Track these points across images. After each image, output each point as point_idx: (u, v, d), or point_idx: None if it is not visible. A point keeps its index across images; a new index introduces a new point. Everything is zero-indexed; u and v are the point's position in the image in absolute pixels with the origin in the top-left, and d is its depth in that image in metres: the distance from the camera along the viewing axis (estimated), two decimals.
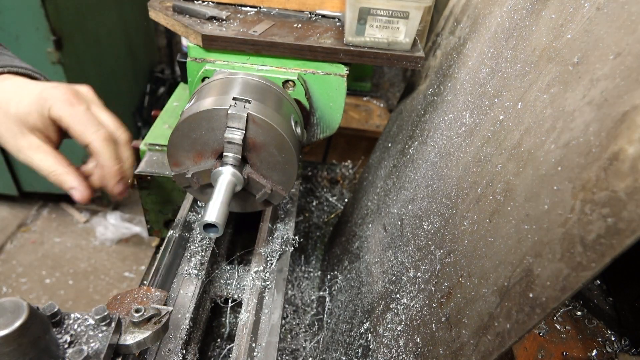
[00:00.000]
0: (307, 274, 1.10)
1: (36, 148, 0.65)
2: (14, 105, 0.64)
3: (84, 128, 0.65)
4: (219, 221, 0.68)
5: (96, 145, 0.66)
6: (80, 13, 2.42)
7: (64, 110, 0.64)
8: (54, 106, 0.64)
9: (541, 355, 0.68)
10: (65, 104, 0.64)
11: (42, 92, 0.64)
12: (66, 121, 0.64)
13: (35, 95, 0.64)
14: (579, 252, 0.36)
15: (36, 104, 0.64)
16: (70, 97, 0.65)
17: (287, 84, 0.85)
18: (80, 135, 0.65)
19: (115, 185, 0.71)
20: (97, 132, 0.66)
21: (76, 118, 0.64)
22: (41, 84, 0.67)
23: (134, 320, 0.52)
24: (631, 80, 0.37)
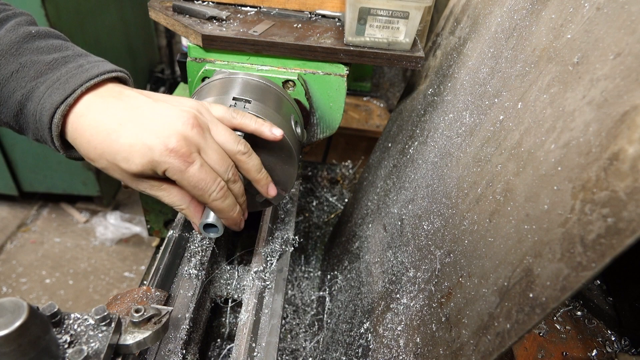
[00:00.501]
0: (307, 274, 1.10)
1: (157, 187, 0.62)
2: (123, 162, 0.58)
3: (198, 192, 0.61)
4: (219, 221, 0.68)
5: (213, 206, 0.63)
6: (80, 13, 2.42)
7: (178, 176, 0.59)
8: (169, 171, 0.58)
9: (541, 355, 0.68)
10: (179, 168, 0.58)
11: (152, 151, 0.57)
12: (183, 184, 0.60)
13: (144, 152, 0.57)
14: (579, 252, 0.36)
15: (149, 164, 0.58)
16: (184, 157, 0.58)
17: (287, 84, 0.85)
18: (198, 197, 0.63)
19: (240, 224, 0.69)
20: (212, 194, 0.61)
21: (192, 183, 0.59)
22: (141, 125, 0.58)
23: (134, 320, 0.52)
24: (631, 80, 0.37)
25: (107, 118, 0.59)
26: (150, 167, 0.58)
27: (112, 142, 0.58)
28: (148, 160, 0.57)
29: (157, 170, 0.59)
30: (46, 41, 0.65)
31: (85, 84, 0.59)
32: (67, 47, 0.66)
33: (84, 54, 0.66)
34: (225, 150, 0.64)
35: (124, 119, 0.58)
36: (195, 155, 0.59)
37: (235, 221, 0.68)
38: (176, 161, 0.58)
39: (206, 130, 0.62)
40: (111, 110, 0.59)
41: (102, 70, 0.62)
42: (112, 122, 0.58)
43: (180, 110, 0.60)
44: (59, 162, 2.70)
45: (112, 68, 0.64)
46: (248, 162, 0.67)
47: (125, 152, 0.58)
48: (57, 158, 2.69)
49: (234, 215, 0.66)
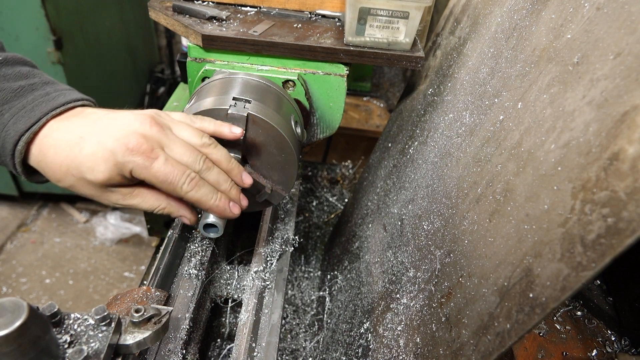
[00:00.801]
0: (307, 274, 1.10)
1: (129, 195, 0.62)
2: (88, 173, 0.58)
3: (170, 187, 0.61)
4: (219, 221, 0.68)
5: (189, 197, 0.63)
6: (80, 13, 2.42)
7: (146, 174, 0.59)
8: (135, 171, 0.59)
9: (541, 355, 0.68)
10: (144, 164, 0.58)
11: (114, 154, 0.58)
12: (152, 181, 0.60)
13: (107, 157, 0.58)
14: (579, 252, 0.36)
15: (114, 167, 0.58)
16: (145, 153, 0.58)
17: (287, 84, 0.85)
18: (170, 191, 0.62)
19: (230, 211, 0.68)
20: (184, 185, 0.61)
21: (160, 178, 0.60)
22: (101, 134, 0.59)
23: (134, 320, 0.52)
24: (631, 80, 0.37)
25: (68, 135, 0.60)
26: (116, 171, 0.58)
27: (75, 155, 0.58)
28: (112, 164, 0.58)
29: (124, 172, 0.59)
30: (13, 68, 0.65)
31: (51, 112, 0.60)
32: (35, 74, 0.66)
33: (51, 82, 0.67)
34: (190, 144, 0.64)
35: (85, 132, 0.59)
36: (157, 150, 0.60)
37: (221, 210, 0.66)
38: (139, 158, 0.58)
39: (166, 128, 0.63)
40: (72, 127, 0.60)
41: (68, 99, 0.63)
42: (73, 137, 0.59)
43: (138, 114, 0.62)
44: None
45: (78, 97, 0.65)
46: (215, 152, 0.66)
47: (89, 162, 0.58)
48: None
49: (216, 203, 0.65)
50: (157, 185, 0.61)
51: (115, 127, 0.59)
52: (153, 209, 0.65)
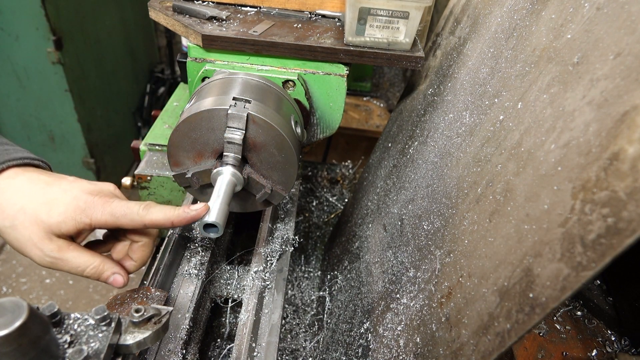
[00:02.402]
0: (307, 274, 1.10)
1: (66, 249, 0.64)
2: (44, 213, 0.62)
3: (129, 217, 0.65)
4: (219, 221, 0.68)
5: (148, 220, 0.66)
6: (80, 13, 2.42)
7: (104, 215, 0.64)
8: (93, 215, 0.64)
9: (541, 355, 0.68)
10: (102, 206, 0.64)
11: (76, 200, 0.63)
12: (110, 222, 0.65)
13: (68, 203, 0.63)
14: (579, 252, 0.36)
15: (73, 212, 0.63)
16: (103, 199, 0.65)
17: (287, 84, 0.85)
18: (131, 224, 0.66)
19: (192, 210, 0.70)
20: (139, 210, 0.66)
21: (118, 212, 0.64)
22: (66, 186, 0.65)
23: (134, 320, 0.52)
24: (631, 80, 0.37)
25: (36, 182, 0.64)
26: (73, 216, 0.63)
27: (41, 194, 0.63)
28: (73, 209, 0.63)
29: (83, 218, 0.63)
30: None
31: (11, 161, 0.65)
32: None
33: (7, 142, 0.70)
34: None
35: (52, 180, 0.65)
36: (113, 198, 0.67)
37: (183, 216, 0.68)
38: (99, 203, 0.64)
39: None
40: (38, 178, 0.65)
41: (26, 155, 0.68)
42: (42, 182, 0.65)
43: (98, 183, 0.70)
44: (59, 162, 2.70)
45: (35, 157, 0.69)
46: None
47: (51, 202, 0.63)
48: (57, 158, 2.70)
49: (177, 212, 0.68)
50: (117, 223, 0.65)
51: (82, 182, 0.67)
52: (84, 268, 0.66)
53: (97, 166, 2.72)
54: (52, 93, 2.42)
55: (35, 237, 0.62)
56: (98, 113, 2.70)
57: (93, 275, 0.67)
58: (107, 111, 2.80)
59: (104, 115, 2.77)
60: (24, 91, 2.44)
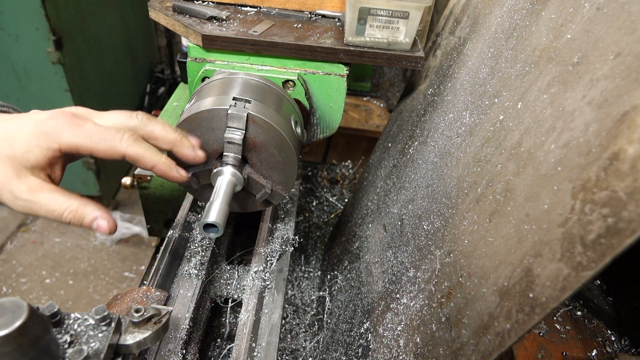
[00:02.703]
0: (307, 274, 1.10)
1: (38, 189, 0.56)
2: (6, 148, 0.55)
3: (107, 143, 0.57)
4: (219, 221, 0.68)
5: (132, 152, 0.59)
6: (80, 13, 2.42)
7: (76, 136, 0.56)
8: (62, 136, 0.56)
9: (541, 355, 0.68)
10: (72, 128, 0.56)
11: (38, 125, 0.56)
12: (84, 145, 0.57)
13: (30, 130, 0.55)
14: (579, 252, 0.36)
15: (36, 138, 0.55)
16: (72, 119, 0.57)
17: (287, 84, 0.85)
18: (108, 152, 0.58)
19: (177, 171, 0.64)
20: (122, 140, 0.58)
21: (94, 138, 0.56)
22: (25, 117, 0.57)
23: (134, 320, 0.52)
24: (631, 80, 0.37)
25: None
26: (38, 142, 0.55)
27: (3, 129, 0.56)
28: (36, 135, 0.55)
29: (50, 143, 0.56)
30: None
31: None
32: None
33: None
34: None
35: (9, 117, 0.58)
36: (86, 119, 0.58)
37: (167, 169, 0.63)
38: (67, 123, 0.56)
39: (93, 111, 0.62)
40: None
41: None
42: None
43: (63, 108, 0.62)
44: None
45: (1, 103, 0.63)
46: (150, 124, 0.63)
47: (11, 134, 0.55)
48: None
49: (162, 159, 0.62)
50: (93, 149, 0.57)
51: (41, 112, 0.59)
52: (61, 211, 0.57)
53: (97, 166, 2.72)
54: (52, 93, 2.42)
55: (2, 176, 0.55)
56: None
57: (73, 221, 0.58)
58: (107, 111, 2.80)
59: None
60: (24, 91, 2.44)
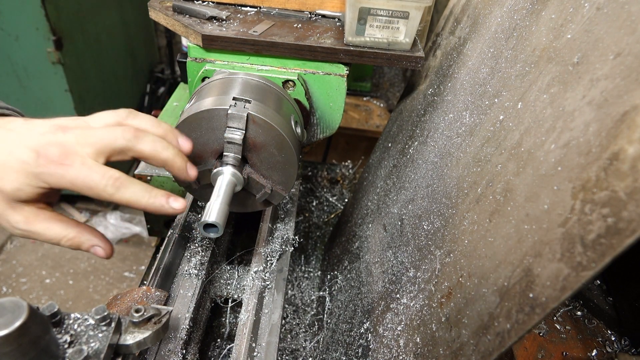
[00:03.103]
0: (307, 274, 1.10)
1: (34, 219, 0.56)
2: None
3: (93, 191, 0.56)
4: (219, 221, 0.68)
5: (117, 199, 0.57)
6: (80, 13, 2.42)
7: (62, 181, 0.55)
8: (49, 179, 0.54)
9: (541, 355, 0.68)
10: (59, 171, 0.54)
11: (25, 165, 0.54)
12: (70, 189, 0.56)
13: (18, 168, 0.54)
14: (579, 252, 0.36)
15: (26, 178, 0.54)
16: (60, 159, 0.54)
17: (287, 84, 0.85)
18: (95, 197, 0.57)
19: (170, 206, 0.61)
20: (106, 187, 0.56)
21: (78, 184, 0.55)
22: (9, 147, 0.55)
23: (134, 320, 0.52)
24: (631, 80, 0.37)
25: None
26: (27, 181, 0.55)
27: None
28: (24, 175, 0.54)
29: (39, 183, 0.55)
30: None
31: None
32: None
33: None
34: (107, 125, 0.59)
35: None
36: (72, 156, 0.55)
37: (158, 207, 0.60)
38: (52, 167, 0.54)
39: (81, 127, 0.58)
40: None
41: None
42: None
43: (52, 121, 0.58)
44: None
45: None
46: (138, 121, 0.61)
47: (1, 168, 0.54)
48: None
49: (151, 200, 0.59)
50: (81, 192, 0.56)
51: (28, 136, 0.56)
52: (59, 240, 0.58)
53: None
54: (52, 93, 2.42)
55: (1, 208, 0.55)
56: None
57: (71, 247, 0.59)
58: None
59: None
60: (24, 91, 2.44)
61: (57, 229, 0.58)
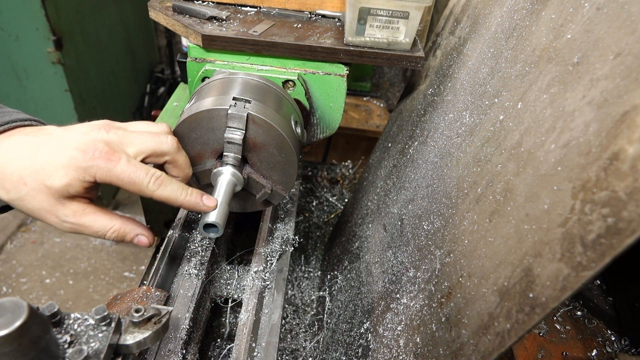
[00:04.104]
0: (307, 274, 1.10)
1: (81, 213, 0.60)
2: (47, 178, 0.57)
3: (136, 187, 0.60)
4: (219, 221, 0.68)
5: (158, 195, 0.62)
6: (80, 13, 2.42)
7: (109, 176, 0.58)
8: (97, 173, 0.58)
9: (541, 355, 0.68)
10: (107, 166, 0.58)
11: (74, 160, 0.57)
12: (116, 183, 0.59)
13: (67, 164, 0.57)
14: (579, 252, 0.36)
15: (75, 172, 0.57)
16: (107, 155, 0.58)
17: (287, 84, 0.85)
18: (137, 193, 0.62)
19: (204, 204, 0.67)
20: (149, 184, 0.61)
21: (124, 179, 0.59)
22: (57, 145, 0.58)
23: (134, 320, 0.52)
24: (631, 80, 0.37)
25: (21, 145, 0.58)
26: (77, 176, 0.57)
27: (32, 161, 0.57)
28: (73, 169, 0.57)
29: (87, 177, 0.58)
30: None
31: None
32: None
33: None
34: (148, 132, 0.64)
35: (41, 142, 0.59)
36: (119, 153, 0.59)
37: (193, 204, 0.66)
38: (101, 162, 0.58)
39: (122, 129, 0.63)
40: (26, 140, 0.59)
41: (14, 117, 0.62)
42: (28, 146, 0.58)
43: (92, 123, 0.62)
44: None
45: (26, 117, 0.64)
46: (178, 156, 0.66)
47: (49, 166, 0.57)
48: None
49: (187, 198, 0.65)
50: (123, 186, 0.60)
51: (72, 137, 0.59)
52: (105, 231, 0.62)
53: None
54: (52, 93, 2.42)
55: (46, 205, 0.59)
56: (98, 113, 2.70)
57: (116, 238, 0.63)
58: (107, 111, 2.80)
59: (104, 115, 2.77)
60: (24, 91, 2.44)
61: (103, 221, 0.62)
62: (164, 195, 0.63)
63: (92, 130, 0.60)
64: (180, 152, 0.67)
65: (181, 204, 0.65)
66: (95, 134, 0.60)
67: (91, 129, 0.61)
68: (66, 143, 0.58)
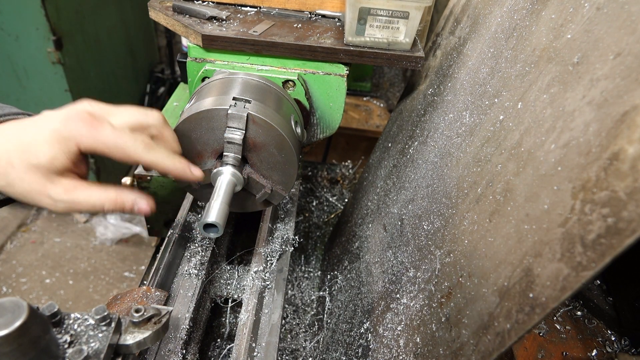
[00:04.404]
0: (307, 274, 1.10)
1: (73, 189, 0.58)
2: (33, 157, 0.56)
3: (123, 152, 0.58)
4: (219, 221, 0.68)
5: (145, 160, 0.60)
6: (80, 13, 2.42)
7: (94, 142, 0.57)
8: (81, 140, 0.56)
9: (541, 355, 0.68)
10: (90, 132, 0.56)
11: (57, 132, 0.56)
12: (101, 150, 0.58)
13: (50, 137, 0.56)
14: (579, 252, 0.36)
15: (59, 144, 0.56)
16: (90, 121, 0.57)
17: (287, 84, 0.85)
18: (123, 158, 0.59)
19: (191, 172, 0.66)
20: (137, 148, 0.59)
21: (109, 144, 0.57)
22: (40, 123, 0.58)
23: (134, 320, 0.52)
24: (631, 80, 0.37)
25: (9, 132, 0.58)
26: (60, 148, 0.56)
27: (19, 142, 0.56)
28: (57, 141, 0.56)
29: (71, 147, 0.56)
30: None
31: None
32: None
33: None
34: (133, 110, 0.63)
35: (26, 124, 0.58)
36: (102, 120, 0.58)
37: (181, 171, 0.64)
38: (84, 128, 0.56)
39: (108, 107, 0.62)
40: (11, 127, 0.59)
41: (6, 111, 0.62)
42: (15, 131, 0.58)
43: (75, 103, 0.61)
44: None
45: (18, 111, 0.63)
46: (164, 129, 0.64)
47: (32, 145, 0.56)
48: None
49: (175, 164, 0.63)
50: (110, 155, 0.58)
51: (55, 113, 0.58)
52: (102, 204, 0.60)
53: (97, 166, 2.72)
54: (52, 93, 2.42)
55: (36, 185, 0.56)
56: None
57: (115, 209, 0.61)
58: None
59: None
60: (24, 91, 2.44)
61: (98, 193, 0.59)
62: (152, 159, 0.60)
63: (76, 106, 0.59)
64: (167, 126, 0.65)
65: (169, 169, 0.63)
66: (78, 106, 0.59)
67: (74, 105, 0.60)
68: (49, 119, 0.58)
